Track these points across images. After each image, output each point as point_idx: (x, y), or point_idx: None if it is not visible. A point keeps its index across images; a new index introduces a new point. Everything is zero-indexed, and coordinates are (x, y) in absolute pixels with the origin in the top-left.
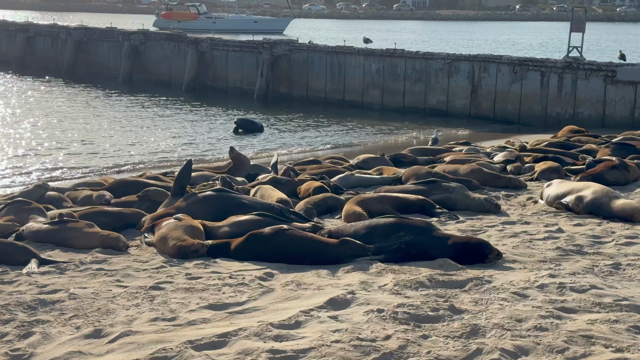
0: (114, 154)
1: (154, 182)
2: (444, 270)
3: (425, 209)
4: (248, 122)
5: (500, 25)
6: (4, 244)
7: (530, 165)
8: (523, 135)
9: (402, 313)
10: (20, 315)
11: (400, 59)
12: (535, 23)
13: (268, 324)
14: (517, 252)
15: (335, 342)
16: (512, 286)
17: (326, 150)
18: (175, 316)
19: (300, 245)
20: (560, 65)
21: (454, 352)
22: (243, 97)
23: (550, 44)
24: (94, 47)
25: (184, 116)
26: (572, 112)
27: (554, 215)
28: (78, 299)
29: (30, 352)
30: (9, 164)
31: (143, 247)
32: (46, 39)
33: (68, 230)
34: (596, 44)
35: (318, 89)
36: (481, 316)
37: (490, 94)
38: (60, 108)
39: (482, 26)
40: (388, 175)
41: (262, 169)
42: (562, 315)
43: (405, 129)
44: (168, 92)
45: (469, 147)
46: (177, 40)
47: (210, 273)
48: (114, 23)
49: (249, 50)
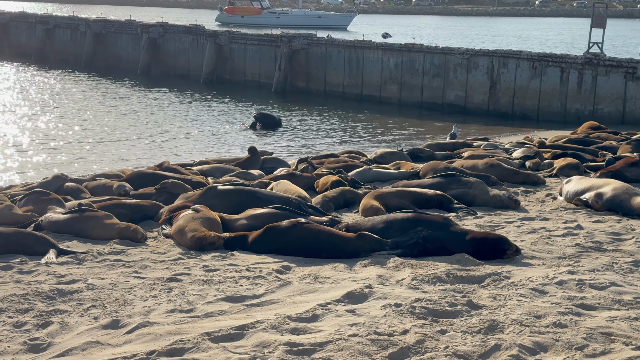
0: (132, 146)
1: (171, 175)
2: (462, 265)
3: (443, 204)
4: (266, 117)
5: (519, 21)
6: (23, 234)
7: (549, 162)
8: (542, 131)
9: (420, 308)
10: (39, 305)
11: (419, 54)
12: (555, 19)
13: (285, 317)
14: (535, 249)
15: (352, 335)
16: (531, 282)
17: (343, 144)
18: (193, 308)
19: (317, 238)
20: (581, 61)
21: (472, 348)
22: (261, 91)
23: (570, 40)
24: (113, 39)
25: (202, 109)
26: (591, 109)
27: (573, 212)
28: (96, 290)
29: (48, 341)
30: (28, 155)
31: (160, 238)
32: (65, 31)
33: (86, 220)
34: (617, 41)
35: (336, 84)
36: (499, 312)
37: (509, 89)
38: (79, 100)
39: (501, 22)
40: (406, 170)
41: (279, 163)
42: (581, 312)
43: (422, 124)
44: (186, 85)
45: (487, 143)
46: (196, 33)
47: (228, 265)
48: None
49: (267, 44)
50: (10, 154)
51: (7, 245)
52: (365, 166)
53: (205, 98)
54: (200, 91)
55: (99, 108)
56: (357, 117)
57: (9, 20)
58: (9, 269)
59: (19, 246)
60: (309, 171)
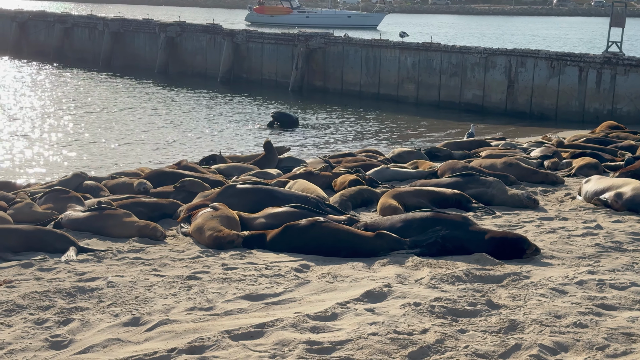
0: (149, 144)
1: (189, 173)
2: (481, 264)
3: (461, 203)
4: (284, 115)
5: (536, 20)
6: (43, 231)
7: (567, 161)
8: (560, 131)
9: (439, 307)
10: (60, 302)
11: (436, 53)
12: (572, 18)
13: (304, 315)
14: (555, 248)
15: (372, 334)
16: (551, 282)
17: (361, 143)
18: (212, 306)
19: (336, 237)
20: (599, 61)
21: (492, 347)
22: (278, 90)
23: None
24: (131, 38)
25: (219, 108)
26: (610, 108)
27: (592, 212)
28: (116, 287)
29: (69, 338)
30: (47, 153)
31: (179, 237)
32: (83, 30)
33: (106, 218)
34: (636, 40)
35: (353, 82)
36: (519, 311)
37: (527, 88)
38: (98, 99)
39: (519, 21)
40: (423, 169)
41: (296, 162)
42: (601, 312)
43: (440, 123)
44: (203, 84)
45: (505, 142)
46: (213, 32)
47: (246, 264)
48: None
49: (284, 43)
50: (30, 153)
51: (28, 242)
52: (383, 165)
53: (222, 97)
54: (217, 90)
55: (118, 107)
56: (374, 116)
57: (27, 19)
58: (30, 266)
59: (40, 244)
60: (327, 170)
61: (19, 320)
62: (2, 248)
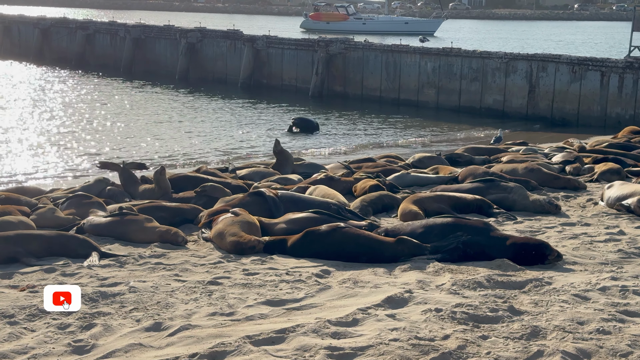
0: (171, 149)
1: (211, 178)
2: (503, 270)
3: (482, 209)
4: (304, 121)
5: (557, 25)
6: (66, 237)
7: (589, 166)
8: (582, 136)
9: (461, 313)
10: (82, 307)
11: (457, 58)
12: (594, 22)
13: (325, 321)
14: (577, 254)
15: (393, 340)
16: (573, 288)
17: (382, 148)
18: (234, 311)
19: (356, 243)
20: (621, 65)
21: (514, 354)
22: (298, 95)
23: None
24: (152, 44)
25: (239, 113)
26: (632, 113)
27: (614, 217)
28: (138, 292)
29: (92, 343)
30: (70, 159)
31: (200, 242)
32: (105, 36)
33: (127, 224)
34: None
35: (373, 88)
36: (541, 318)
37: (548, 93)
38: (120, 105)
39: (540, 25)
40: (444, 175)
41: (315, 168)
42: (625, 318)
43: (460, 128)
44: (224, 90)
45: (526, 148)
46: (233, 38)
47: (267, 269)
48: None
49: (305, 49)
50: (53, 158)
51: (50, 247)
52: (404, 170)
53: (242, 102)
54: (237, 96)
55: (139, 113)
56: (395, 121)
57: (50, 26)
58: (53, 271)
59: (62, 249)
60: (347, 175)
61: (42, 325)
62: (25, 253)
